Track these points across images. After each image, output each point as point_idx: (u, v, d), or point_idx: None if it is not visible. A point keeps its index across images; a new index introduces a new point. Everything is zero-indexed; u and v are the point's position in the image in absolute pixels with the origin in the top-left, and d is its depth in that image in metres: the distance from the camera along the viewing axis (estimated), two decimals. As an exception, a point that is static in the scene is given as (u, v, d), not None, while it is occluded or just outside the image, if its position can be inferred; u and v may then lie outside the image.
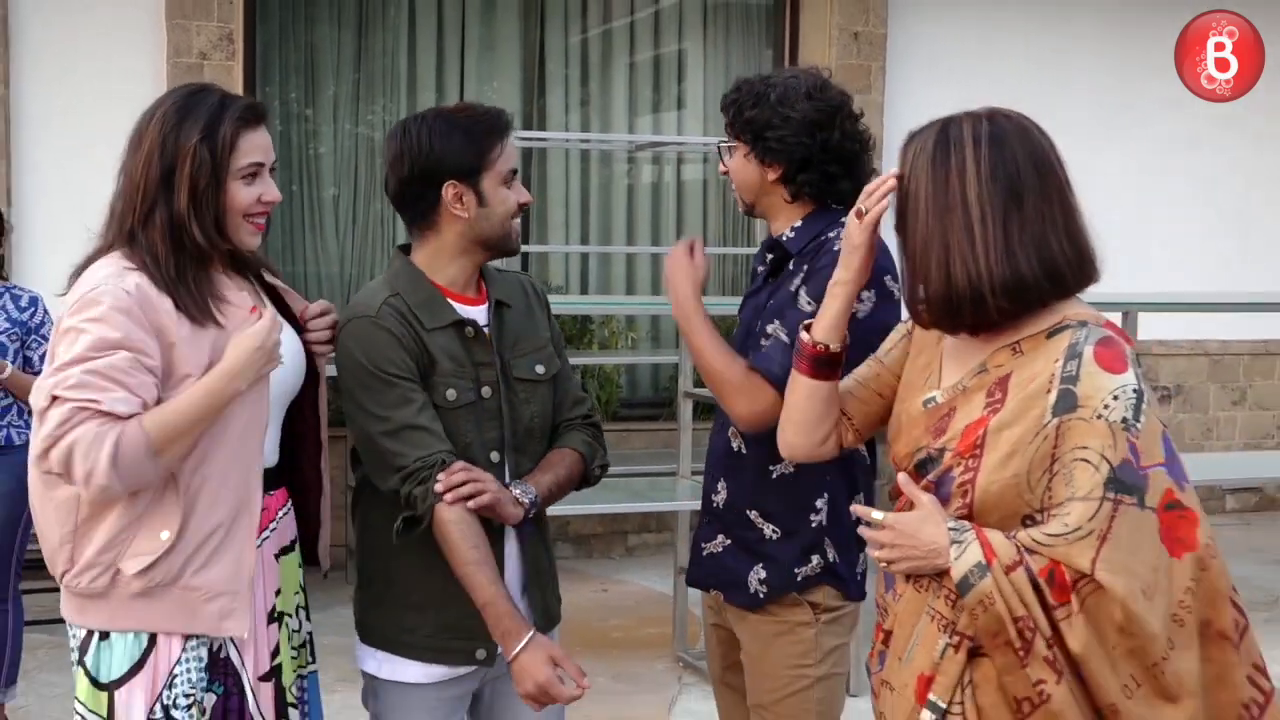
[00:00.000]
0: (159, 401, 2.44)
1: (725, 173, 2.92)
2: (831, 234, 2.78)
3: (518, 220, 2.74)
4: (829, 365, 2.37)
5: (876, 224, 2.32)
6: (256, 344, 2.48)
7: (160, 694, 2.50)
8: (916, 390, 2.30)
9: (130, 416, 2.39)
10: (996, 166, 2.15)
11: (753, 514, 2.85)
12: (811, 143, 2.78)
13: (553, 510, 2.85)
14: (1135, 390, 2.10)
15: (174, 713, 2.51)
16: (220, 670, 2.58)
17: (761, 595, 2.83)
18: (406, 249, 2.77)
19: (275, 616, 2.67)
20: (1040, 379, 2.13)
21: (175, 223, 2.48)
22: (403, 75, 7.63)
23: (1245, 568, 7.40)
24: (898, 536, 2.16)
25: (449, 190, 2.66)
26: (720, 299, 6.55)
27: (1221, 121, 8.80)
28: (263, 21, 7.37)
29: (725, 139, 2.90)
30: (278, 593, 2.68)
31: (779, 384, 2.57)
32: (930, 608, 2.16)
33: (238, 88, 7.00)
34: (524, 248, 7.22)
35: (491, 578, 2.58)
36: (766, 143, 2.80)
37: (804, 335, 2.37)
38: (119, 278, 2.46)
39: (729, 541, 2.89)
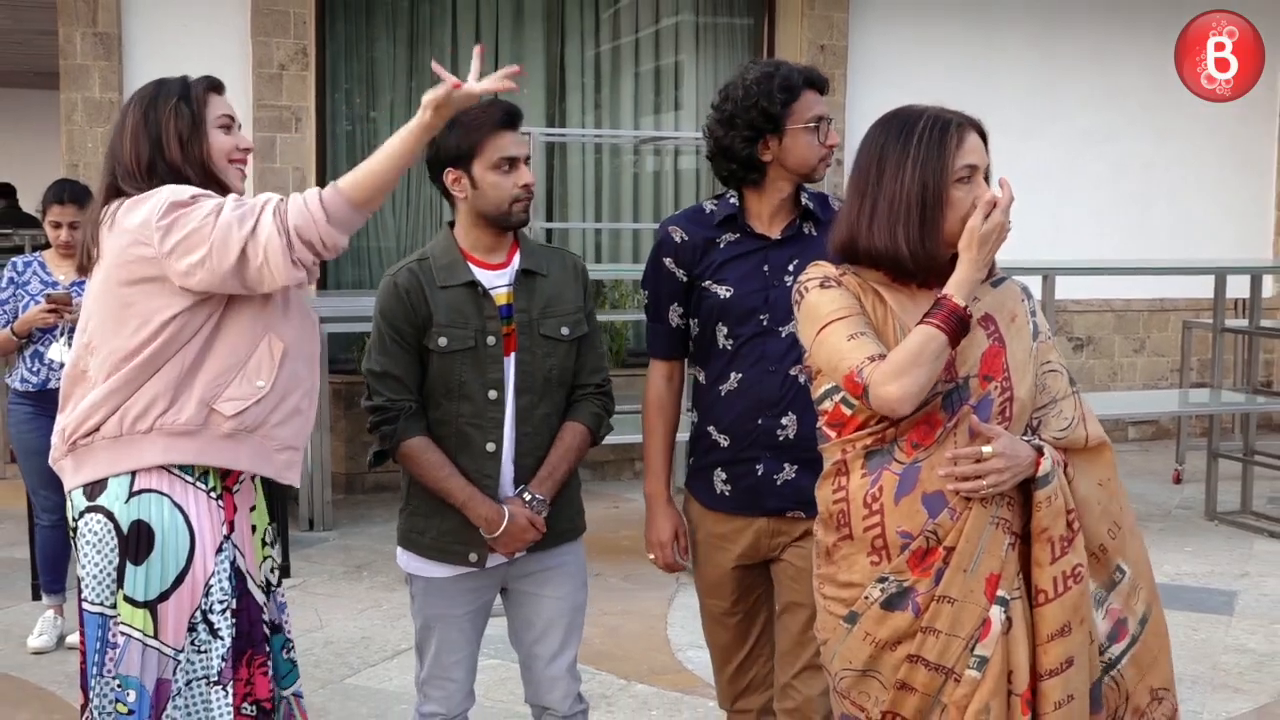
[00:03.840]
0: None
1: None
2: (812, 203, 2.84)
3: (519, 202, 2.72)
4: (966, 330, 2.18)
5: None
6: (443, 114, 2.44)
7: (199, 603, 2.47)
8: (889, 339, 2.23)
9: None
10: None
11: None
12: None
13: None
14: None
15: (211, 617, 2.48)
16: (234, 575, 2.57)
17: None
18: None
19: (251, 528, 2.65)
20: (1020, 315, 2.27)
21: (172, 169, 2.48)
22: (447, 83, 7.82)
23: (1144, 486, 7.60)
24: (1008, 461, 2.12)
25: (448, 176, 2.73)
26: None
27: (1130, 117, 8.80)
28: (331, 39, 7.51)
29: (825, 114, 2.79)
30: (252, 509, 2.64)
31: None
32: (995, 516, 2.16)
33: (311, 95, 7.19)
34: (547, 225, 7.24)
35: (463, 484, 2.69)
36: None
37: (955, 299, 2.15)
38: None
39: (798, 466, 2.78)
